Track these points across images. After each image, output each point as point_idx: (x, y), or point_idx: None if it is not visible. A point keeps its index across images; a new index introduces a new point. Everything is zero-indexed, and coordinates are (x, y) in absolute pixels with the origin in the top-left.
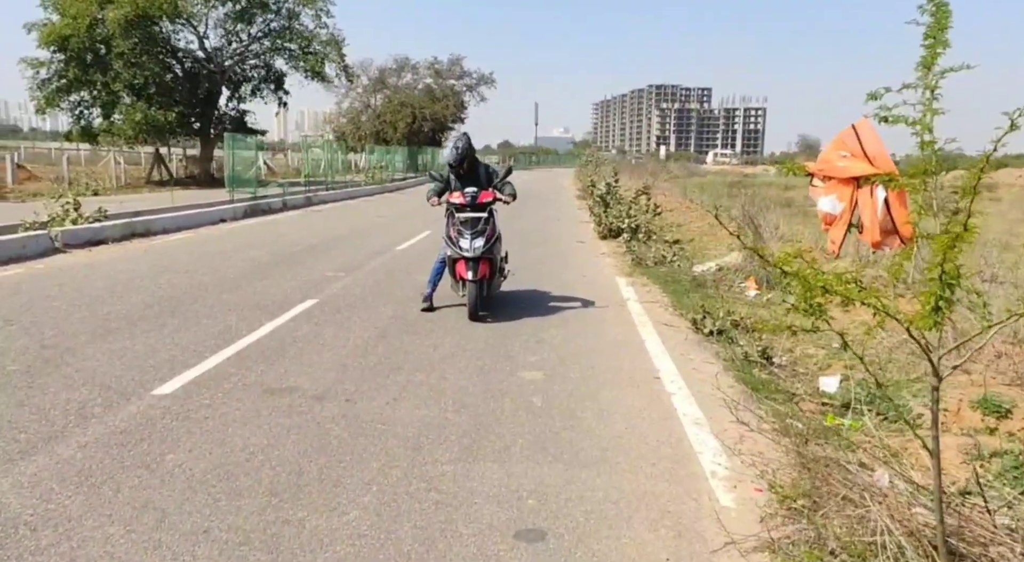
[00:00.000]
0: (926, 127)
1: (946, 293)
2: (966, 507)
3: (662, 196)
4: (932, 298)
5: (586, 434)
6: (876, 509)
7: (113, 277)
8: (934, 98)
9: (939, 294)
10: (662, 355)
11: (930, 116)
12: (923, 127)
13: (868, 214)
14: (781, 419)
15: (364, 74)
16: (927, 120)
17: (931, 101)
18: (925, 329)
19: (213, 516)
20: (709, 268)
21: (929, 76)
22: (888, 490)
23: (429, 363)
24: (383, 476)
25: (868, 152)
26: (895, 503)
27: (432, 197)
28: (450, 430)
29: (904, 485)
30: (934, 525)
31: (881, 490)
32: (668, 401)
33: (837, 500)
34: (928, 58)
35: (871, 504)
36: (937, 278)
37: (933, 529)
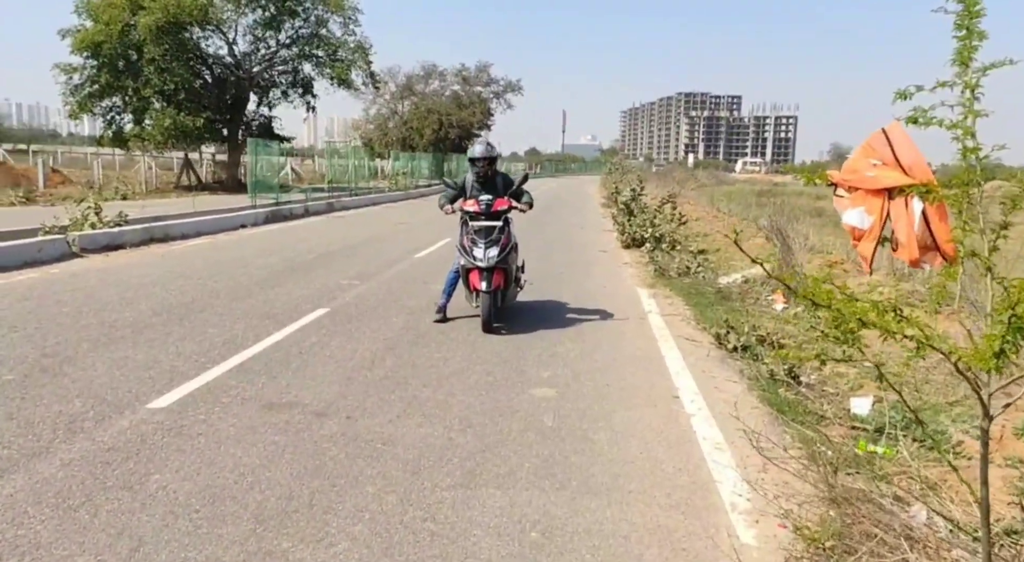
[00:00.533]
0: (967, 132)
1: (1016, 338)
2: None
3: (689, 205)
4: (997, 341)
5: (597, 458)
6: (913, 558)
7: (126, 283)
8: (975, 98)
9: (1007, 338)
10: (682, 372)
11: (972, 119)
12: (964, 132)
13: (903, 229)
14: (808, 446)
15: (392, 81)
16: (968, 123)
17: (972, 101)
18: (983, 369)
19: (192, 546)
20: (735, 280)
21: (968, 73)
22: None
23: (437, 378)
24: (378, 503)
25: (902, 160)
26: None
27: (446, 205)
28: (453, 452)
29: (943, 523)
30: None
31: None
32: (687, 423)
33: (870, 542)
34: (963, 52)
35: (907, 549)
36: (1006, 322)
37: None
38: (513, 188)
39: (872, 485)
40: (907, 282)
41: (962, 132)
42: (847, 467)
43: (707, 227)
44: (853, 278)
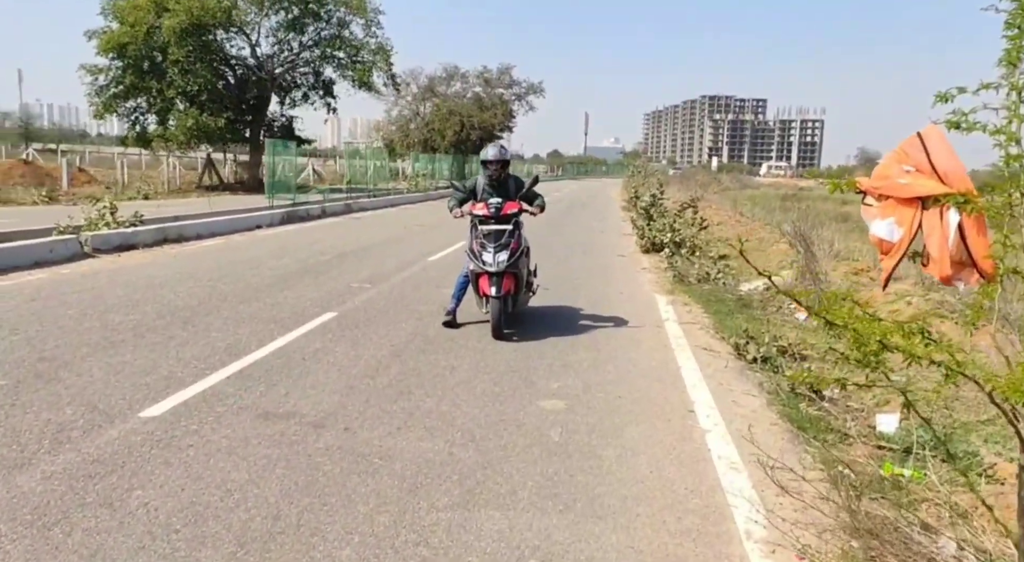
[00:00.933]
0: (1012, 137)
1: None
2: None
3: (711, 209)
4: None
5: (605, 477)
6: None
7: (134, 284)
8: (1022, 101)
9: None
10: (699, 384)
11: (1017, 123)
12: (1008, 137)
13: (936, 242)
14: (830, 467)
15: (413, 82)
16: (1013, 128)
17: (1018, 105)
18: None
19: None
20: (756, 287)
21: (1015, 74)
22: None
23: (442, 387)
24: (369, 524)
25: (938, 167)
26: None
27: (455, 208)
28: (453, 468)
29: (974, 557)
30: None
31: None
32: (701, 440)
33: None
34: (1012, 52)
35: None
36: None
37: None
38: (524, 191)
39: (898, 513)
40: (937, 292)
41: (1005, 137)
42: (871, 492)
43: (729, 232)
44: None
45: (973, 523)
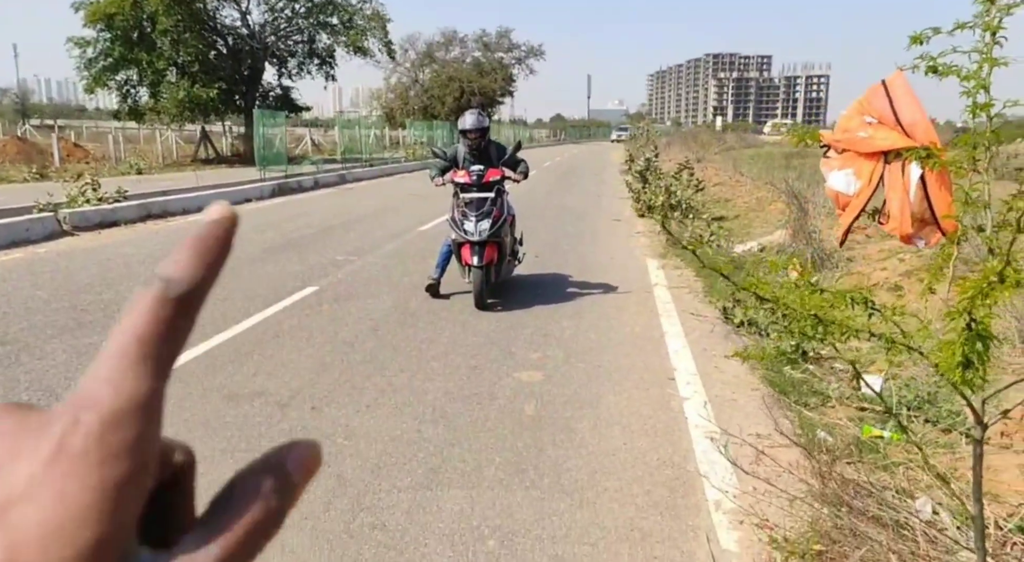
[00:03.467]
0: (981, 84)
1: (981, 348)
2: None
3: (712, 169)
4: (958, 351)
5: (576, 451)
6: None
7: (110, 262)
8: (995, 43)
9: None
10: (682, 351)
11: (988, 68)
12: (977, 84)
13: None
14: (809, 431)
15: (412, 48)
16: (983, 74)
17: (991, 47)
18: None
19: None
20: (751, 248)
21: (992, 12)
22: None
23: (418, 361)
24: (326, 509)
25: (902, 118)
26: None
27: (436, 177)
28: (420, 446)
29: (950, 519)
30: None
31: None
32: (679, 409)
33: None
34: None
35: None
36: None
37: None
38: (506, 157)
39: (873, 476)
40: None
41: (974, 84)
42: (848, 456)
43: (729, 192)
44: (875, 244)
45: (951, 485)
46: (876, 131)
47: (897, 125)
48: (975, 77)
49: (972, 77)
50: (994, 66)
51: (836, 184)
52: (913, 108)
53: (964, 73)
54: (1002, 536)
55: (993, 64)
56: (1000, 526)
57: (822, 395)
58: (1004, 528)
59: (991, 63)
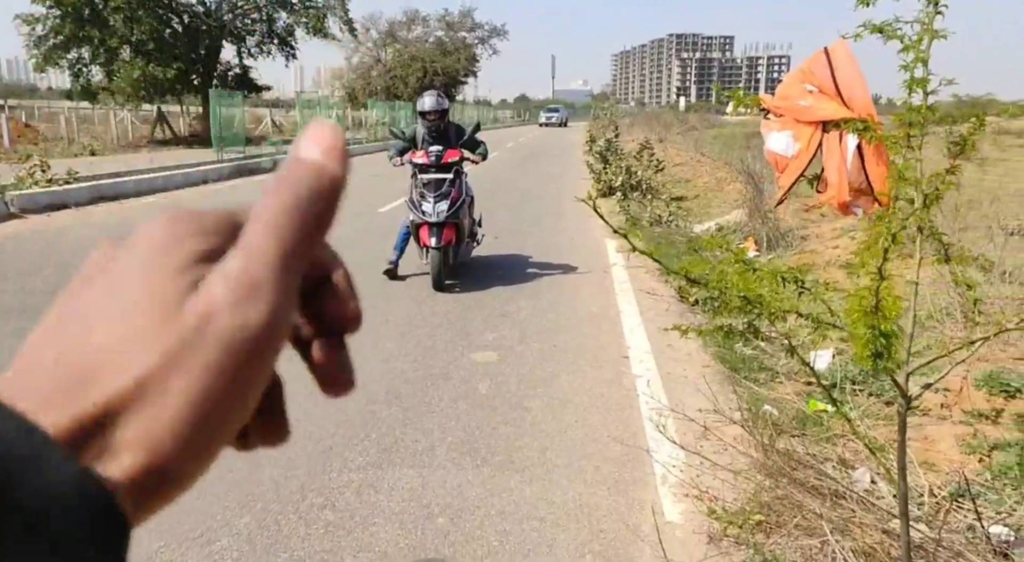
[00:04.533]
0: (920, 57)
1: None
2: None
3: (673, 150)
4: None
5: (528, 429)
6: (835, 540)
7: (59, 245)
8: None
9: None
10: (637, 329)
11: (928, 40)
12: (916, 57)
13: (835, 167)
14: (756, 407)
15: (373, 28)
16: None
17: (932, 17)
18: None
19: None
20: (709, 227)
21: None
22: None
23: (373, 342)
24: (275, 490)
25: (842, 87)
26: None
27: (394, 157)
28: (372, 426)
29: (887, 488)
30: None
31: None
32: (632, 385)
33: (800, 514)
34: None
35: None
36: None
37: None
38: (465, 138)
39: (816, 448)
40: None
41: (913, 57)
42: (793, 429)
43: (689, 172)
44: (829, 222)
45: (889, 455)
46: (816, 101)
47: (837, 95)
48: (914, 48)
49: (911, 48)
50: (934, 38)
51: (775, 146)
52: (853, 78)
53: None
54: (936, 503)
55: (934, 36)
56: (935, 493)
57: (771, 371)
58: (938, 496)
59: (931, 35)
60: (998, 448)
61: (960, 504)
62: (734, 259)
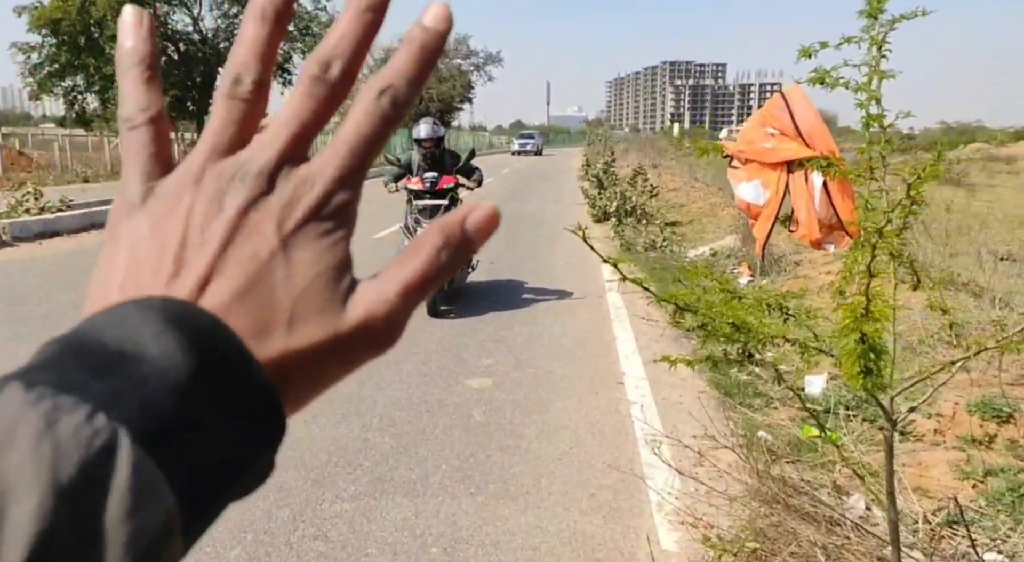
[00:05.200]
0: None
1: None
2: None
3: (668, 175)
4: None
5: (524, 456)
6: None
7: (50, 273)
8: (882, 56)
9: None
10: (632, 355)
11: (877, 80)
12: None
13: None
14: (751, 433)
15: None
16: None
17: (878, 60)
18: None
19: None
20: (703, 252)
21: (876, 27)
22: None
23: (367, 369)
24: (266, 520)
25: (801, 128)
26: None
27: (389, 183)
28: (366, 455)
29: (881, 514)
30: None
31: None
32: (627, 412)
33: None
34: (873, 2)
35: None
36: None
37: None
38: (460, 164)
39: (810, 475)
40: None
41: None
42: (787, 456)
43: (683, 198)
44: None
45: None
46: (779, 142)
47: (797, 135)
48: (866, 88)
49: (863, 88)
50: (883, 78)
51: (746, 195)
52: (811, 118)
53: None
54: (930, 530)
55: (882, 77)
56: (928, 520)
57: (766, 396)
58: (932, 522)
59: (880, 76)
60: (991, 474)
61: (954, 531)
62: (719, 288)
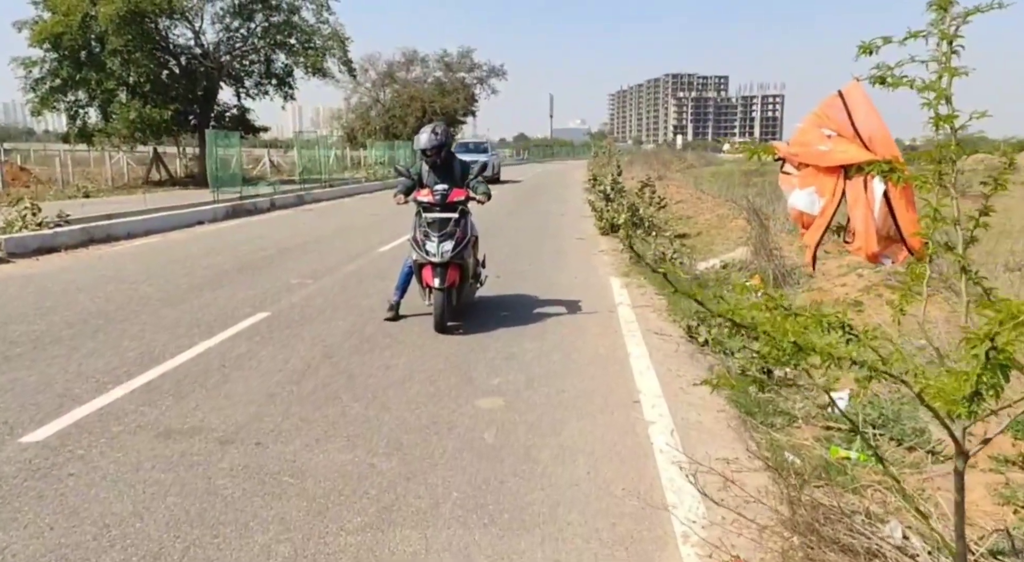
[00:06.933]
0: (942, 94)
1: (997, 378)
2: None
3: (673, 187)
4: (971, 381)
5: (539, 482)
6: None
7: (46, 290)
8: (952, 52)
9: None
10: (646, 372)
11: (948, 78)
12: (937, 95)
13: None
14: (776, 454)
15: (372, 68)
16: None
17: (949, 57)
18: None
19: None
20: (713, 265)
21: (946, 20)
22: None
23: (373, 389)
24: (266, 556)
25: (861, 130)
26: None
27: (398, 194)
28: (372, 482)
29: (921, 544)
30: None
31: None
32: (644, 433)
33: None
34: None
35: None
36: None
37: None
38: (471, 177)
39: (842, 501)
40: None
41: (935, 96)
42: (816, 479)
43: (690, 209)
44: (834, 259)
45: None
46: (835, 144)
47: (856, 137)
48: (934, 88)
49: (931, 87)
50: (954, 76)
51: (798, 203)
52: (872, 120)
53: (919, 84)
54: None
55: (953, 74)
56: (972, 551)
57: (787, 415)
58: (976, 553)
59: (951, 73)
60: None
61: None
62: (774, 304)
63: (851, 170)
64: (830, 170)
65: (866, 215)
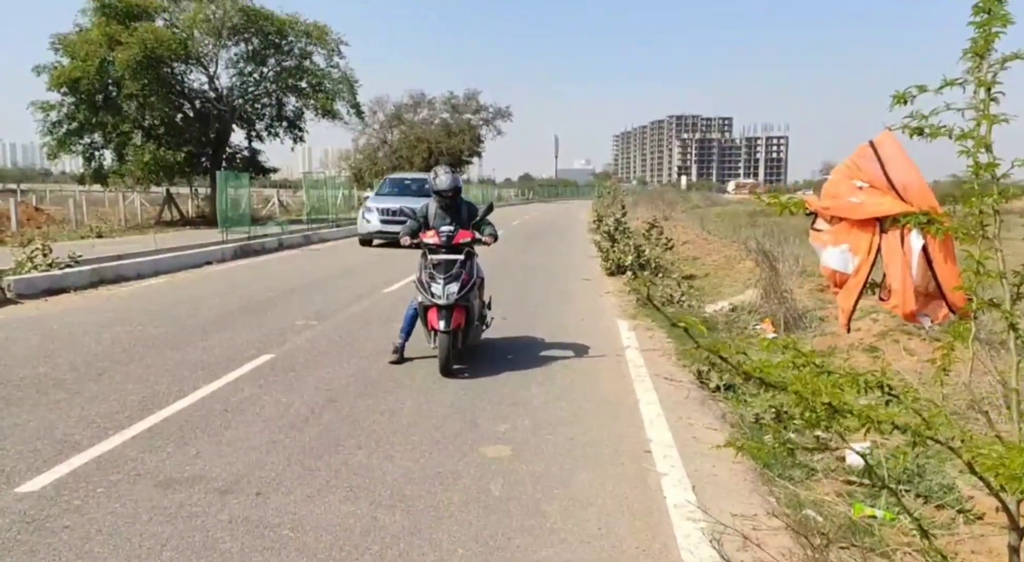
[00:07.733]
0: (981, 142)
1: None
2: None
3: (679, 228)
4: None
5: (548, 538)
6: None
7: (52, 332)
8: (991, 100)
9: None
10: (657, 419)
11: (987, 125)
12: (977, 142)
13: (898, 271)
14: (796, 510)
15: (380, 110)
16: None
17: (987, 104)
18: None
19: None
20: (722, 307)
21: (983, 68)
22: None
23: (377, 437)
24: None
25: (895, 180)
26: None
27: (405, 236)
28: (374, 536)
29: None
30: None
31: None
32: (657, 485)
33: None
34: (980, 41)
35: None
36: None
37: None
38: (477, 219)
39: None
40: None
41: (974, 143)
42: (840, 540)
43: (697, 251)
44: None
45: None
46: (868, 196)
47: (890, 188)
48: (973, 136)
49: (970, 136)
50: (993, 123)
51: (831, 262)
52: (906, 169)
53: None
54: None
55: (992, 121)
56: None
57: (806, 467)
58: None
59: (989, 121)
60: None
61: None
62: (802, 360)
63: (886, 222)
64: (864, 224)
65: (903, 271)
